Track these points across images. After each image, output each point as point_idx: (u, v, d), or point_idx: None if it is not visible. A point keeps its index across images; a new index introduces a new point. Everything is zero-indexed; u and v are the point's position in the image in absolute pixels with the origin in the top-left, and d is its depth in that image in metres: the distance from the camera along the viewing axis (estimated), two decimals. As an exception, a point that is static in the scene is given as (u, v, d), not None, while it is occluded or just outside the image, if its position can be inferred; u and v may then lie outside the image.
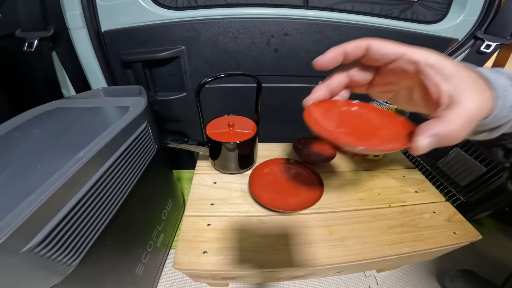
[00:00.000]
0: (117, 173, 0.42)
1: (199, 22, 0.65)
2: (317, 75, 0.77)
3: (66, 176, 0.32)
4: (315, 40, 0.70)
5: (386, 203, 0.51)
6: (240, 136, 0.50)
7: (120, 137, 0.43)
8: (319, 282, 0.69)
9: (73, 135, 0.42)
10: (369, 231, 0.45)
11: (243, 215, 0.46)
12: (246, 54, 0.71)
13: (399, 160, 0.64)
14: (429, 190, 0.55)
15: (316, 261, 0.39)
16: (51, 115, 0.49)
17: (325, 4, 0.68)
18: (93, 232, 0.37)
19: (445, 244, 0.44)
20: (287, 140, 0.67)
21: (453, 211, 0.50)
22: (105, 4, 0.63)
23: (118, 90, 0.62)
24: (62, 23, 0.62)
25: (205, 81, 0.41)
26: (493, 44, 0.70)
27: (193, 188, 0.52)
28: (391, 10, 0.70)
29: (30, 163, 0.35)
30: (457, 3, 0.72)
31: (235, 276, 0.45)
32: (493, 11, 0.69)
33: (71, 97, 0.58)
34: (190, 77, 0.74)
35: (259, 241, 0.42)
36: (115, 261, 0.45)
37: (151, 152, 0.54)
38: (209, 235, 0.42)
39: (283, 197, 0.49)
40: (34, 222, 0.28)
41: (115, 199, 0.42)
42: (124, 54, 0.68)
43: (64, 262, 0.32)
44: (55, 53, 0.66)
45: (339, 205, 0.49)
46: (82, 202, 0.34)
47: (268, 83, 0.76)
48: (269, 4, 0.67)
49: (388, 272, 0.72)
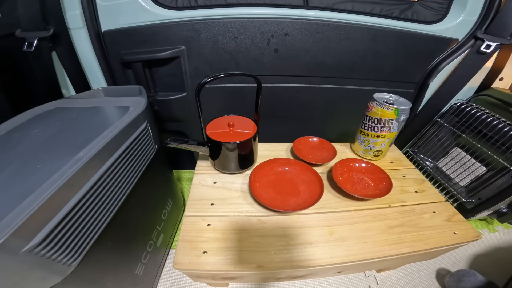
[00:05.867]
0: (117, 173, 0.42)
1: (199, 22, 0.65)
2: (317, 75, 0.77)
3: (66, 176, 0.32)
4: (315, 40, 0.70)
5: (386, 203, 0.51)
6: (240, 136, 0.50)
7: (120, 137, 0.43)
8: (319, 282, 0.69)
9: (73, 135, 0.42)
10: (369, 231, 0.45)
11: (243, 215, 0.46)
12: (246, 54, 0.71)
13: (399, 160, 0.64)
14: (429, 190, 0.55)
15: (316, 261, 0.39)
16: (51, 115, 0.49)
17: (325, 4, 0.68)
18: (93, 232, 0.37)
19: (445, 244, 0.44)
20: (287, 140, 0.67)
21: (453, 211, 0.50)
22: (105, 4, 0.63)
23: (118, 90, 0.62)
24: (62, 23, 0.62)
25: (205, 81, 0.41)
26: (493, 44, 0.70)
27: (193, 188, 0.52)
28: (391, 10, 0.70)
29: (30, 163, 0.35)
30: (457, 3, 0.72)
31: (235, 276, 0.45)
32: (493, 11, 0.70)
33: (71, 97, 0.58)
34: (190, 77, 0.74)
35: (259, 241, 0.42)
36: (115, 261, 0.45)
37: (151, 152, 0.54)
38: (209, 235, 0.42)
39: (283, 197, 0.49)
40: (34, 222, 0.28)
41: (115, 199, 0.42)
42: (124, 54, 0.68)
43: (64, 262, 0.32)
44: (55, 53, 0.66)
45: (339, 205, 0.49)
46: (82, 202, 0.34)
47: (268, 83, 0.76)
48: (269, 4, 0.67)
49: (388, 272, 0.72)
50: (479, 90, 0.86)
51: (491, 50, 0.71)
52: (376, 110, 0.54)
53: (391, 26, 0.71)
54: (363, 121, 0.59)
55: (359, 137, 0.61)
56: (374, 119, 0.55)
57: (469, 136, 0.78)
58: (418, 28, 0.72)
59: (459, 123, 0.81)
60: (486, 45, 0.71)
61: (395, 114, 0.52)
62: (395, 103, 0.54)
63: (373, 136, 0.57)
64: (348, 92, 0.81)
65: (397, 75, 0.80)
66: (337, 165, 0.55)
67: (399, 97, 0.56)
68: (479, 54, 0.73)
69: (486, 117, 0.74)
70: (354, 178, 0.55)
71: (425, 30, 0.73)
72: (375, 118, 0.55)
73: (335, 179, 0.52)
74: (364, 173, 0.56)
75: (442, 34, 0.74)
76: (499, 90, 0.81)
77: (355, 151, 0.64)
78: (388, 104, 0.53)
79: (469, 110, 0.78)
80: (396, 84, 0.82)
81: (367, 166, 0.57)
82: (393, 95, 0.56)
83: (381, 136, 0.56)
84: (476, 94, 0.85)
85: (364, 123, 0.58)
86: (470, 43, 0.74)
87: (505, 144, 0.69)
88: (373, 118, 0.56)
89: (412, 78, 0.82)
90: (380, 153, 0.60)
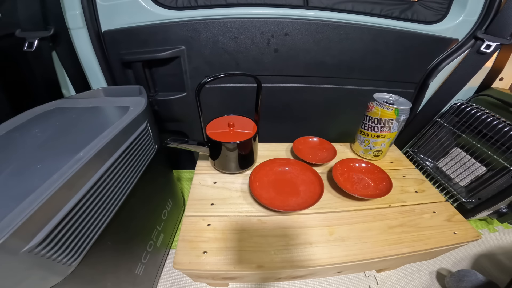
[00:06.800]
0: (117, 173, 0.42)
1: (199, 22, 0.65)
2: (317, 75, 0.77)
3: (66, 176, 0.32)
4: (315, 40, 0.70)
5: (386, 203, 0.51)
6: (240, 136, 0.50)
7: (120, 137, 0.43)
8: (319, 282, 0.69)
9: (73, 135, 0.42)
10: (369, 231, 0.45)
11: (243, 215, 0.46)
12: (246, 54, 0.71)
13: (399, 160, 0.64)
14: (429, 190, 0.55)
15: (316, 261, 0.39)
16: (51, 115, 0.49)
17: (325, 4, 0.68)
18: (93, 232, 0.37)
19: (445, 244, 0.44)
20: (287, 140, 0.67)
21: (453, 211, 0.50)
22: (105, 4, 0.63)
23: (118, 90, 0.62)
24: (62, 23, 0.62)
25: (205, 81, 0.41)
26: (493, 44, 0.70)
27: (193, 188, 0.52)
28: (391, 10, 0.70)
29: (30, 163, 0.35)
30: (457, 3, 0.72)
31: (235, 276, 0.45)
32: (493, 11, 0.70)
33: (71, 97, 0.58)
34: (190, 77, 0.74)
35: (259, 241, 0.42)
36: (115, 261, 0.45)
37: (151, 152, 0.54)
38: (209, 235, 0.42)
39: (283, 197, 0.49)
40: (34, 222, 0.28)
41: (115, 199, 0.42)
42: (124, 54, 0.68)
43: (64, 262, 0.32)
44: (55, 53, 0.66)
45: (339, 205, 0.49)
46: (82, 202, 0.34)
47: (268, 83, 0.76)
48: (269, 4, 0.67)
49: (388, 272, 0.72)
50: (479, 90, 0.86)
51: (491, 50, 0.71)
52: (376, 110, 0.54)
53: (391, 26, 0.71)
54: (363, 121, 0.59)
55: (359, 137, 0.61)
56: (374, 119, 0.55)
57: (469, 136, 0.78)
58: (418, 28, 0.72)
59: (459, 123, 0.81)
60: (486, 45, 0.71)
61: (395, 114, 0.52)
62: (395, 103, 0.54)
63: (373, 136, 0.57)
64: (348, 92, 0.81)
65: (397, 75, 0.80)
66: (337, 165, 0.55)
67: (399, 97, 0.56)
68: (479, 54, 0.73)
69: (486, 117, 0.74)
70: (354, 178, 0.55)
71: (425, 30, 0.73)
72: (375, 118, 0.55)
73: (335, 179, 0.52)
74: (364, 173, 0.56)
75: (442, 34, 0.74)
76: (499, 90, 0.81)
77: (355, 151, 0.64)
78: (388, 104, 0.52)
79: (469, 110, 0.78)
80: (396, 84, 0.82)
81: (367, 166, 0.57)
82: (393, 95, 0.57)
83: (381, 136, 0.57)
84: (476, 94, 0.85)
85: (364, 123, 0.58)
86: (470, 43, 0.74)
87: (505, 144, 0.69)
88: (373, 118, 0.56)
89: (412, 78, 0.82)
90: (380, 153, 0.60)
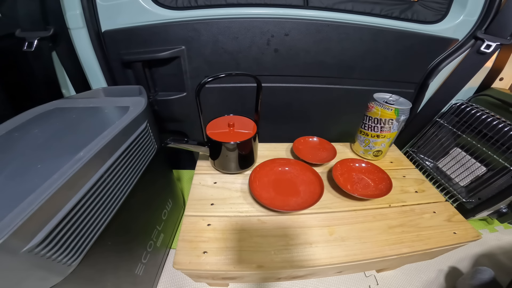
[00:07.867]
0: (117, 173, 0.42)
1: (199, 22, 0.65)
2: (317, 75, 0.77)
3: (66, 176, 0.32)
4: (315, 40, 0.70)
5: (386, 203, 0.51)
6: (240, 136, 0.50)
7: (120, 137, 0.43)
8: (319, 282, 0.69)
9: (73, 135, 0.42)
10: (369, 231, 0.45)
11: (243, 215, 0.46)
12: (246, 54, 0.71)
13: (399, 160, 0.64)
14: (429, 190, 0.55)
15: (316, 261, 0.39)
16: (51, 115, 0.49)
17: (325, 4, 0.68)
18: (93, 232, 0.37)
19: (445, 244, 0.44)
20: (287, 140, 0.67)
21: (453, 211, 0.50)
22: (105, 4, 0.63)
23: (118, 90, 0.62)
24: (62, 23, 0.62)
25: (205, 81, 0.41)
26: (493, 44, 0.70)
27: (193, 188, 0.52)
28: (391, 10, 0.70)
29: (30, 163, 0.35)
30: (457, 3, 0.72)
31: (235, 276, 0.45)
32: (493, 11, 0.70)
33: (71, 97, 0.58)
34: (190, 77, 0.74)
35: (259, 241, 0.42)
36: (115, 261, 0.45)
37: (151, 152, 0.54)
38: (209, 235, 0.42)
39: (283, 197, 0.49)
40: (34, 222, 0.28)
41: (115, 199, 0.42)
42: (124, 54, 0.68)
43: (64, 262, 0.32)
44: (55, 53, 0.66)
45: (339, 205, 0.49)
46: (82, 202, 0.34)
47: (268, 83, 0.76)
48: (269, 4, 0.67)
49: (388, 272, 0.72)
50: (479, 90, 0.86)
51: (491, 50, 0.71)
52: (376, 110, 0.54)
53: (391, 26, 0.71)
54: (363, 121, 0.59)
55: (359, 137, 0.61)
56: (374, 119, 0.55)
57: (469, 136, 0.78)
58: (418, 28, 0.72)
59: (459, 123, 0.81)
60: (486, 45, 0.71)
61: (395, 114, 0.52)
62: (395, 103, 0.54)
63: (373, 136, 0.57)
64: (348, 92, 0.81)
65: (397, 75, 0.80)
66: (337, 165, 0.55)
67: (399, 97, 0.56)
68: (479, 54, 0.73)
69: (486, 117, 0.74)
70: (354, 178, 0.55)
71: (425, 30, 0.73)
72: (375, 118, 0.55)
73: (335, 179, 0.52)
74: (364, 173, 0.56)
75: (442, 34, 0.74)
76: (499, 90, 0.81)
77: (355, 151, 0.64)
78: (388, 104, 0.52)
79: (469, 110, 0.78)
80: (396, 84, 0.82)
81: (367, 166, 0.57)
82: (393, 95, 0.56)
83: (381, 136, 0.57)
84: (476, 94, 0.85)
85: (364, 123, 0.58)
86: (470, 43, 0.74)
87: (505, 144, 0.69)
88: (373, 118, 0.56)
89: (412, 78, 0.82)
90: (380, 153, 0.60)
